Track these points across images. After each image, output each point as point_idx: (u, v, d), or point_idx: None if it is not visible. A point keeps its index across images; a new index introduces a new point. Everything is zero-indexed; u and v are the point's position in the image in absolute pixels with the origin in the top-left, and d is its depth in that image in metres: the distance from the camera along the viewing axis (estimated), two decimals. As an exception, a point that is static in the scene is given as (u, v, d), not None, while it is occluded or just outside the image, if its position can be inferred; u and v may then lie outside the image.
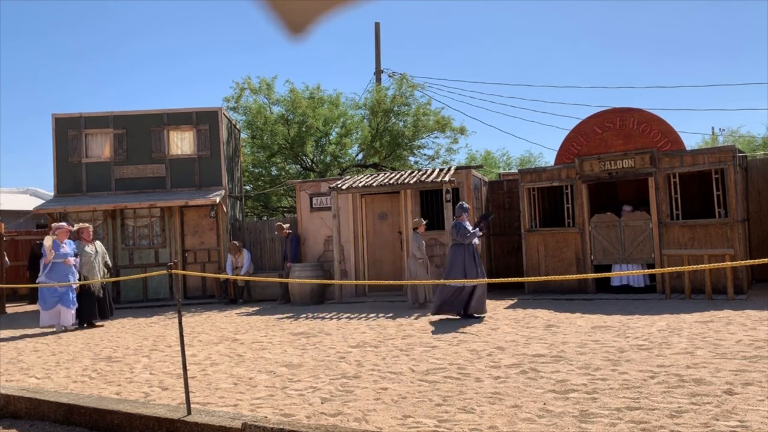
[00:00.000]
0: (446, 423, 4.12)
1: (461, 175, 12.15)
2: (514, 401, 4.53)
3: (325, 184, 13.35)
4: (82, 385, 5.96)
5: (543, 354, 6.13)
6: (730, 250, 9.73)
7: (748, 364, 5.20)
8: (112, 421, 4.75)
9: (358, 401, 4.77)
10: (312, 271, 12.18)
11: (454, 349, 6.65)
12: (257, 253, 14.76)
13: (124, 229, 14.31)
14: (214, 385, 5.61)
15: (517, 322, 8.43)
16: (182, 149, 14.46)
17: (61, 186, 14.31)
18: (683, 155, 10.49)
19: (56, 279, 9.77)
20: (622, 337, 6.78)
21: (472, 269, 8.88)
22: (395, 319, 9.36)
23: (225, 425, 4.20)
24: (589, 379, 5.04)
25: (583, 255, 11.22)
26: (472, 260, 8.93)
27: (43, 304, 9.91)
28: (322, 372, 5.89)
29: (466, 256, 8.93)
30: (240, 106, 21.19)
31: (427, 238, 12.34)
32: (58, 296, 9.87)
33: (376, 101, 20.84)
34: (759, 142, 28.26)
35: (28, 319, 12.45)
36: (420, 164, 22.39)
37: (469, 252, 8.96)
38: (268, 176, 21.87)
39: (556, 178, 11.57)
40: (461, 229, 8.96)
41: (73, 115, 14.43)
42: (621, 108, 11.26)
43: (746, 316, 7.70)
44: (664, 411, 4.09)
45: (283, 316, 10.58)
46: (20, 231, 17.62)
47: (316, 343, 7.54)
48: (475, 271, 8.87)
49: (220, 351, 7.41)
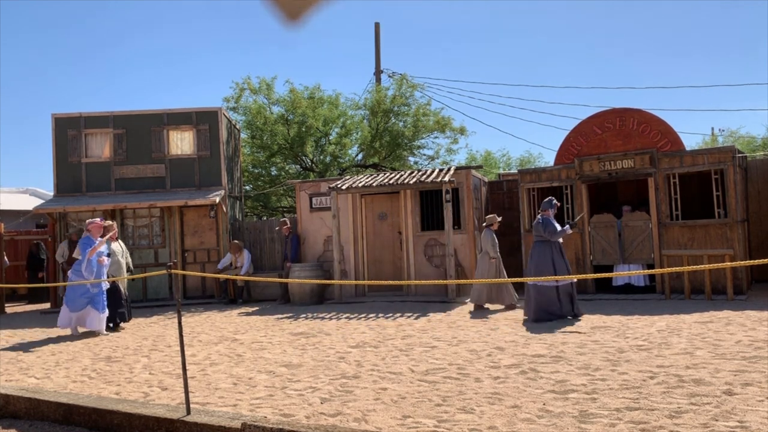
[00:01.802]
0: (446, 423, 4.12)
1: (461, 176, 12.15)
2: (513, 401, 4.53)
3: (324, 184, 13.35)
4: (82, 385, 5.95)
5: (542, 354, 6.13)
6: (729, 250, 9.74)
7: (747, 365, 5.21)
8: (112, 421, 4.75)
9: (358, 401, 4.77)
10: (312, 271, 12.19)
11: (453, 350, 6.65)
12: (257, 253, 14.76)
13: (123, 229, 14.30)
14: (213, 385, 5.61)
15: (516, 322, 8.43)
16: (182, 149, 14.46)
17: (61, 186, 14.31)
18: (683, 156, 10.49)
19: (89, 279, 9.00)
20: (622, 338, 6.78)
21: (562, 266, 8.50)
22: (395, 319, 9.36)
23: (224, 425, 4.20)
24: (588, 379, 5.04)
25: (582, 255, 11.23)
26: (561, 257, 8.57)
27: (71, 304, 9.06)
28: (322, 372, 5.89)
29: (554, 252, 8.53)
30: (240, 106, 21.19)
31: (427, 238, 12.35)
32: (89, 297, 9.07)
33: (376, 101, 20.85)
34: (759, 142, 28.25)
35: (28, 319, 12.45)
36: (420, 164, 22.39)
37: (556, 249, 8.58)
38: (267, 176, 21.87)
39: (555, 178, 11.57)
40: (549, 224, 8.54)
41: (73, 115, 14.43)
42: (620, 108, 11.27)
43: (746, 317, 7.70)
44: (663, 411, 4.09)
45: (282, 316, 10.58)
46: (20, 231, 17.61)
47: (315, 343, 7.54)
48: (564, 269, 8.50)
49: (219, 351, 7.40)
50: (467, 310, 10.01)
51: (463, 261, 12.00)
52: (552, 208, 8.69)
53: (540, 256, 8.57)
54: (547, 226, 8.54)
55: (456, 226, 11.99)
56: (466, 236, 12.05)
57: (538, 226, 8.67)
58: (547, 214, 8.66)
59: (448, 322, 8.79)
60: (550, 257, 8.48)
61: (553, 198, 8.85)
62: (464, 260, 12.01)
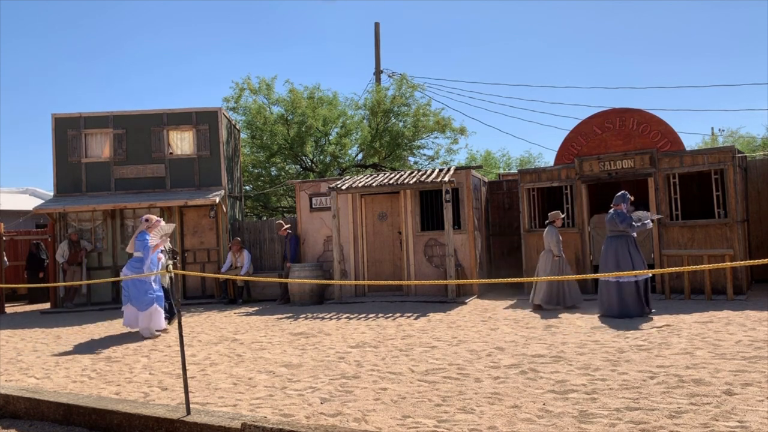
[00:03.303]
0: (446, 423, 4.12)
1: (461, 176, 12.16)
2: (513, 401, 4.53)
3: (324, 185, 13.35)
4: (82, 385, 5.95)
5: (542, 354, 6.13)
6: (729, 250, 9.74)
7: (747, 365, 5.21)
8: (112, 421, 4.75)
9: (358, 401, 4.77)
10: (311, 271, 12.19)
11: (453, 350, 6.64)
12: (257, 253, 14.76)
13: (123, 229, 14.30)
14: (213, 385, 5.61)
15: (516, 322, 8.43)
16: (182, 149, 14.46)
17: (61, 186, 14.31)
18: (683, 156, 10.49)
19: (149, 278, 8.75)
20: (622, 338, 6.78)
21: (639, 261, 8.30)
22: (395, 319, 9.36)
23: (224, 425, 4.20)
24: (588, 379, 5.04)
25: (582, 255, 11.23)
26: (637, 251, 8.38)
27: (139, 303, 8.75)
28: (322, 372, 5.89)
29: (630, 247, 8.35)
30: (240, 106, 21.19)
31: (427, 238, 12.35)
32: (155, 296, 8.89)
33: (376, 101, 20.84)
34: (758, 142, 28.28)
35: (28, 319, 12.45)
36: (420, 164, 22.40)
37: (632, 243, 8.40)
38: (267, 176, 21.86)
39: (555, 178, 11.58)
40: (625, 218, 8.35)
41: (73, 115, 14.43)
42: (621, 108, 11.28)
43: (746, 317, 7.70)
44: (663, 411, 4.09)
45: (282, 316, 10.58)
46: (20, 231, 17.61)
47: (315, 344, 7.54)
48: (641, 263, 8.31)
49: (219, 351, 7.40)
50: (467, 310, 10.01)
51: (463, 261, 12.00)
52: (625, 202, 8.52)
53: (617, 250, 8.35)
54: (624, 219, 8.36)
55: (456, 226, 12.00)
56: (466, 236, 12.05)
57: (613, 221, 8.47)
58: (620, 208, 8.51)
59: (448, 322, 8.79)
60: (627, 252, 8.30)
61: (626, 192, 8.69)
62: (464, 260, 12.01)
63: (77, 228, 14.15)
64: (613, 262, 8.40)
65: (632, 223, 8.38)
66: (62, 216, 14.09)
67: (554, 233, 9.65)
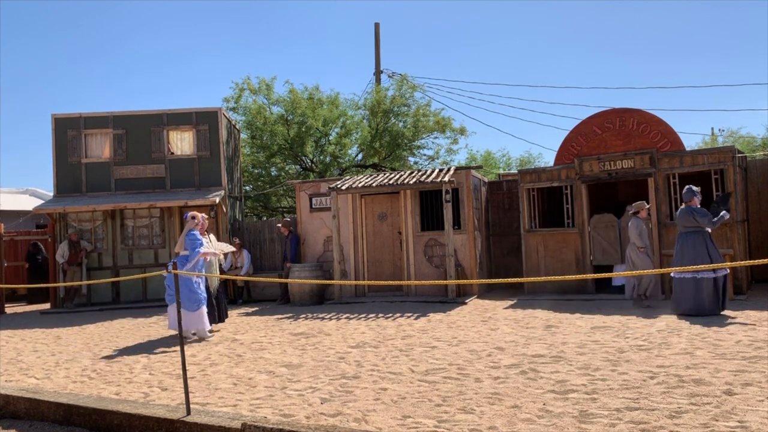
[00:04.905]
0: (446, 423, 4.12)
1: (461, 176, 12.16)
2: (513, 401, 4.53)
3: (324, 185, 13.35)
4: (82, 385, 5.96)
5: (542, 354, 6.13)
6: (729, 250, 9.74)
7: (747, 365, 5.21)
8: (112, 421, 4.75)
9: (358, 401, 4.77)
10: (311, 272, 12.19)
11: (453, 350, 6.64)
12: (257, 253, 14.76)
13: (123, 230, 14.31)
14: (213, 385, 5.61)
15: (516, 322, 8.43)
16: (182, 149, 14.46)
17: (61, 186, 14.31)
18: (683, 156, 10.49)
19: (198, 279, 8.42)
20: (622, 338, 6.78)
21: (717, 256, 8.00)
22: (395, 319, 9.36)
23: (224, 425, 4.20)
24: (588, 379, 5.04)
25: (582, 255, 11.23)
26: (714, 247, 8.10)
27: (189, 304, 8.29)
28: (322, 372, 5.89)
29: (707, 242, 8.05)
30: (239, 106, 21.19)
31: (427, 238, 12.35)
32: (203, 296, 8.56)
33: (376, 102, 20.84)
34: (758, 142, 28.28)
35: (27, 319, 12.45)
36: (420, 164, 22.39)
37: (708, 238, 8.11)
38: (267, 176, 21.86)
39: (555, 178, 11.58)
40: (701, 212, 8.05)
41: (73, 115, 14.43)
42: (621, 108, 11.28)
43: (746, 317, 7.70)
44: (663, 411, 4.09)
45: (282, 316, 10.58)
46: (20, 231, 17.61)
47: (315, 344, 7.54)
48: (719, 258, 8.02)
49: (219, 351, 7.40)
50: (467, 310, 10.01)
51: (463, 261, 12.00)
52: (697, 196, 8.23)
53: (694, 246, 8.06)
54: (700, 213, 8.06)
55: (456, 226, 12.00)
56: (466, 236, 12.05)
57: (689, 217, 8.15)
58: (693, 203, 8.22)
59: (448, 322, 8.79)
60: (704, 247, 8.02)
61: (692, 186, 8.37)
62: (464, 260, 12.01)
63: (77, 228, 14.15)
64: (689, 259, 8.05)
65: (713, 219, 8.09)
66: (62, 216, 14.09)
67: (639, 225, 9.28)
